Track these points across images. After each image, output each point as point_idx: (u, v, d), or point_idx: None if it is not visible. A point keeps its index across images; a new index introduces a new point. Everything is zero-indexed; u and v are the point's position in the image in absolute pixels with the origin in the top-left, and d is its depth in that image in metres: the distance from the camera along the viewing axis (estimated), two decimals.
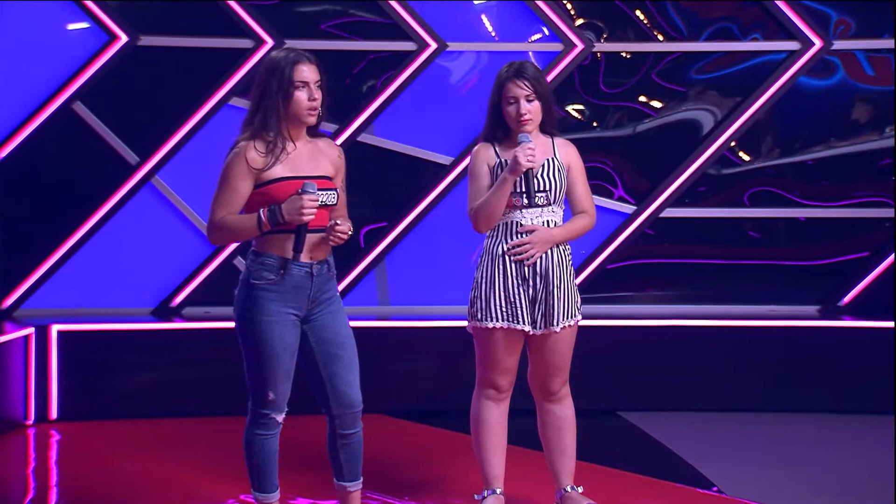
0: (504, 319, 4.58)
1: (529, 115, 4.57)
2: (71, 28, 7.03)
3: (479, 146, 4.67)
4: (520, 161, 4.48)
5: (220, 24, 7.10)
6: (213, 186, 7.31)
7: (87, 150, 7.08)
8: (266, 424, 4.27)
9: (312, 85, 4.18)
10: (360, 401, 4.31)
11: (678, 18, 7.36)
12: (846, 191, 7.39)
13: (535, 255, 4.59)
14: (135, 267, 7.15)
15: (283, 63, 4.18)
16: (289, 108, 4.17)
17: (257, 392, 4.25)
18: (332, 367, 4.26)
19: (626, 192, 7.39)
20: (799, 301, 7.37)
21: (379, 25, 7.27)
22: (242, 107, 7.12)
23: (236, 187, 4.17)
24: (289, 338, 4.21)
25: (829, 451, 6.10)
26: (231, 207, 4.18)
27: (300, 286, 4.20)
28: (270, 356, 4.18)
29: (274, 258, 4.17)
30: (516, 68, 4.62)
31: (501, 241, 4.60)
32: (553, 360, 4.67)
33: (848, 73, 7.35)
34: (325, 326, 4.26)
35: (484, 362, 4.68)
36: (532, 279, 4.59)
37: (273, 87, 4.17)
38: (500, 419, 4.73)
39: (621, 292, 7.40)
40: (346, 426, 4.31)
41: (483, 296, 4.59)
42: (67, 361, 6.63)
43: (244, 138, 4.19)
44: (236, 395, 6.66)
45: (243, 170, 4.16)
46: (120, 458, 5.91)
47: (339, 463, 4.37)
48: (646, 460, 6.01)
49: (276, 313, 4.18)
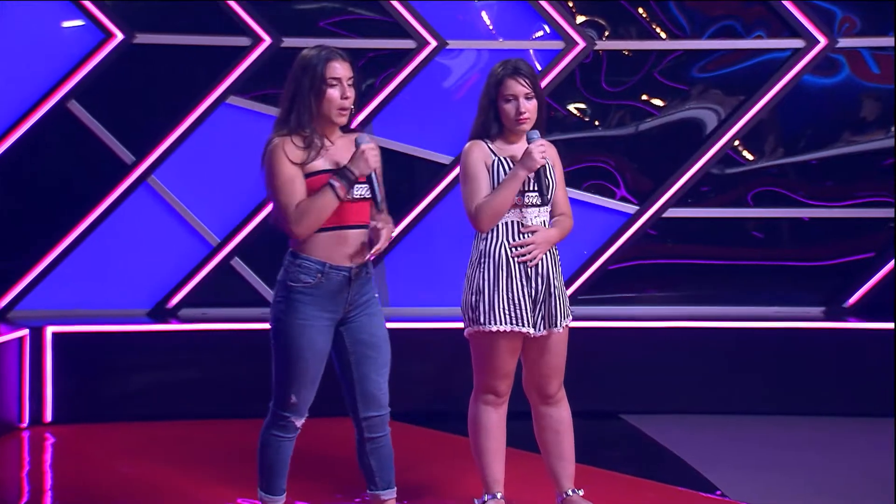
0: (508, 322, 4.56)
1: (528, 114, 4.57)
2: (66, 26, 7.03)
3: (472, 144, 4.63)
4: (535, 158, 4.48)
5: (218, 21, 7.09)
6: (210, 186, 7.35)
7: (83, 150, 7.08)
8: (284, 427, 4.26)
9: (345, 82, 4.18)
10: (387, 404, 4.33)
11: (681, 16, 7.36)
12: (851, 190, 7.40)
13: (539, 256, 4.59)
14: (131, 268, 7.15)
15: (315, 60, 4.18)
16: (321, 105, 4.16)
17: (280, 393, 4.23)
18: (363, 369, 4.27)
19: (628, 191, 7.39)
20: (803, 302, 7.37)
21: (378, 23, 7.27)
22: (240, 105, 7.14)
23: (290, 175, 4.11)
24: (319, 343, 4.20)
25: (832, 454, 6.10)
26: (298, 195, 4.11)
27: (338, 290, 4.19)
28: (298, 359, 4.17)
29: (312, 261, 4.16)
30: (514, 65, 4.60)
31: (503, 243, 4.59)
32: (552, 361, 4.67)
33: (853, 71, 7.35)
34: (362, 328, 4.26)
35: (484, 367, 4.67)
36: (535, 279, 4.58)
37: (305, 84, 4.17)
38: (500, 423, 4.72)
39: (623, 293, 7.40)
40: (373, 429, 4.31)
41: (486, 299, 4.56)
42: (62, 363, 6.64)
43: (279, 135, 4.16)
44: (234, 397, 6.72)
45: (286, 159, 4.11)
46: (115, 461, 5.91)
47: (370, 470, 4.37)
48: (647, 463, 6.01)
49: (311, 317, 4.16)
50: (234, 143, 7.15)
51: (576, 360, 4.83)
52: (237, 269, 7.23)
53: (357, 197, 4.17)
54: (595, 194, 7.33)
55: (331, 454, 5.75)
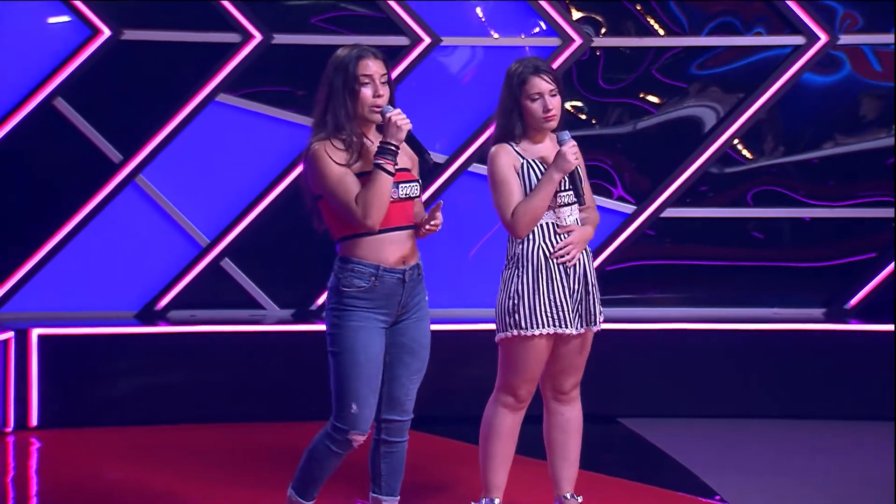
0: (551, 325, 4.56)
1: (555, 111, 4.57)
2: (52, 22, 7.01)
3: (498, 148, 4.61)
4: (569, 160, 4.49)
5: (207, 17, 7.08)
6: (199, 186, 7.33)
7: (69, 148, 7.06)
8: (341, 442, 4.19)
9: (378, 80, 4.17)
10: (412, 411, 4.31)
11: (679, 12, 7.36)
12: (853, 190, 7.39)
13: (577, 255, 4.60)
14: (118, 269, 7.13)
15: (347, 59, 4.16)
16: (356, 105, 4.15)
17: (339, 404, 4.17)
18: (395, 371, 4.25)
19: (625, 191, 7.39)
20: (804, 304, 7.37)
21: (370, 19, 7.26)
22: (230, 103, 7.12)
23: (340, 173, 4.08)
24: (376, 346, 4.17)
25: (833, 458, 6.10)
26: (354, 189, 4.08)
27: (392, 293, 4.18)
28: (355, 364, 4.13)
29: (365, 265, 4.14)
30: (535, 63, 4.59)
31: (540, 244, 4.58)
32: (576, 360, 4.69)
33: (854, 68, 7.35)
34: (406, 331, 4.25)
35: (512, 370, 4.65)
36: (573, 279, 4.60)
37: (338, 85, 4.15)
38: (513, 429, 4.72)
39: (621, 295, 7.38)
40: (392, 433, 4.29)
41: (527, 302, 4.55)
42: (48, 367, 6.61)
43: (318, 139, 4.14)
44: (225, 401, 6.72)
45: (330, 160, 4.09)
46: (103, 466, 5.90)
47: (379, 473, 4.34)
48: (646, 468, 6.02)
49: (365, 319, 4.14)
50: (224, 141, 7.14)
51: None
52: (227, 271, 7.21)
53: (402, 197, 4.18)
54: (592, 194, 7.30)
55: None
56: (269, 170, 7.15)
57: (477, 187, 6.83)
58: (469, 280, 7.17)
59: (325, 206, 4.18)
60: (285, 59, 7.15)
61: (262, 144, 7.16)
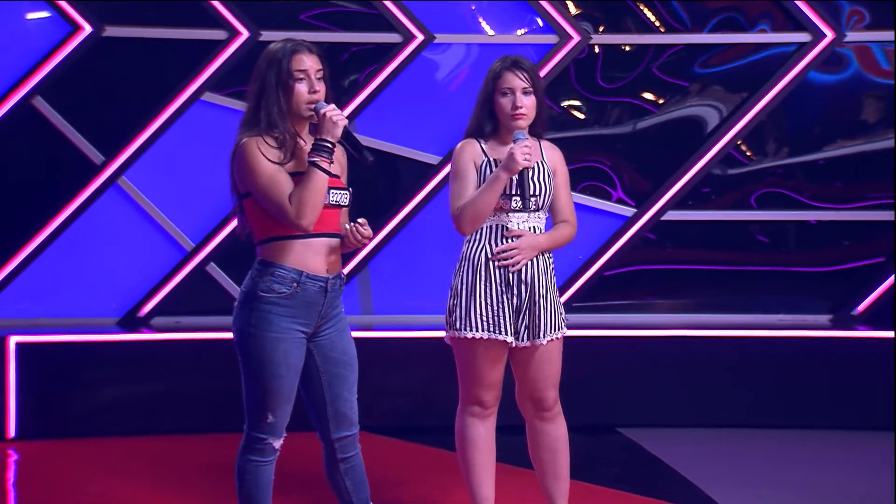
0: (486, 329, 4.54)
1: (525, 109, 4.55)
2: (30, 17, 7.01)
3: (465, 142, 4.63)
4: (517, 159, 4.43)
5: (192, 13, 7.09)
6: (184, 188, 7.31)
7: (49, 149, 7.07)
8: (261, 450, 4.18)
9: (313, 75, 4.14)
10: (358, 421, 4.30)
11: (681, 8, 7.37)
12: (860, 192, 7.40)
13: (522, 262, 4.56)
14: (100, 274, 7.13)
15: (280, 54, 4.15)
16: (290, 102, 4.13)
17: (255, 414, 4.16)
18: (336, 390, 4.23)
19: (625, 193, 7.39)
20: (810, 310, 7.39)
21: (362, 16, 7.27)
22: (216, 102, 7.12)
23: (272, 170, 4.04)
24: (294, 357, 4.14)
25: (840, 470, 6.10)
26: (288, 187, 4.04)
27: (312, 301, 4.14)
28: (273, 376, 4.10)
29: (287, 269, 4.10)
30: (514, 59, 4.60)
31: (484, 246, 4.57)
32: (541, 374, 4.64)
33: (862, 66, 7.37)
34: (334, 345, 4.23)
35: (466, 376, 4.65)
36: (517, 287, 4.56)
37: (271, 80, 4.13)
38: (488, 436, 4.70)
39: (620, 300, 7.40)
40: (346, 449, 4.28)
41: (463, 304, 4.56)
42: (27, 375, 6.61)
43: (248, 135, 4.10)
44: (210, 411, 6.71)
45: (262, 156, 4.05)
46: (84, 479, 5.88)
47: (345, 491, 4.32)
48: (646, 479, 6.01)
49: (285, 329, 4.10)
50: (209, 142, 7.14)
51: (570, 370, 4.81)
52: (213, 276, 7.21)
53: (332, 203, 4.14)
54: (591, 196, 7.33)
55: (303, 470, 5.72)
56: None
57: None
58: None
59: (251, 205, 4.13)
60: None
61: None
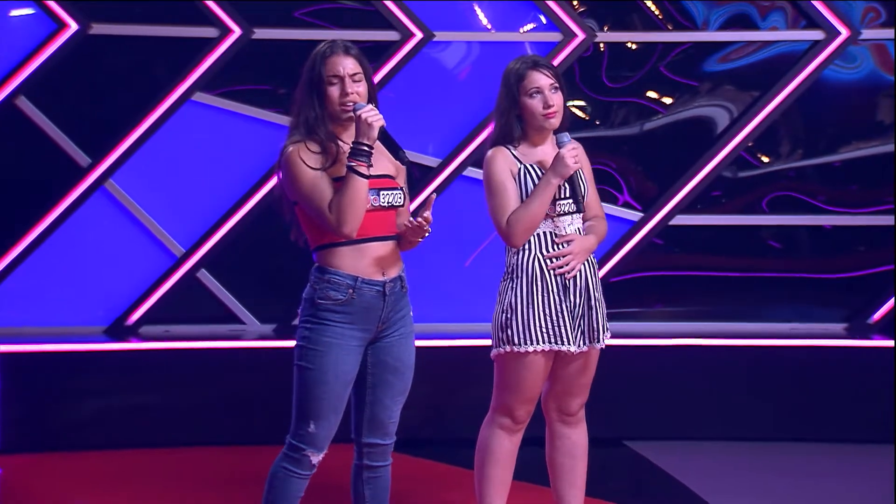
0: (548, 341, 4.54)
1: (556, 107, 4.55)
2: (14, 14, 7.01)
3: (495, 151, 4.61)
4: (567, 164, 4.48)
5: (183, 10, 7.08)
6: (174, 192, 7.29)
7: (33, 151, 7.06)
8: (298, 461, 4.18)
9: (348, 78, 4.15)
10: (394, 434, 4.30)
11: (689, 5, 7.36)
12: (877, 195, 7.38)
13: (577, 266, 4.57)
14: (86, 281, 7.12)
15: (316, 57, 4.19)
16: (325, 106, 4.16)
17: (298, 422, 4.17)
18: (379, 394, 4.24)
19: (631, 197, 7.38)
20: (824, 318, 7.38)
21: (358, 13, 7.27)
22: (206, 102, 7.11)
23: (313, 177, 4.08)
24: (346, 365, 4.15)
25: (855, 484, 6.11)
26: (329, 194, 4.08)
27: (371, 307, 4.16)
28: (319, 381, 4.12)
29: (342, 275, 4.13)
30: (534, 59, 4.62)
31: (536, 255, 4.57)
32: (580, 380, 4.67)
33: (878, 65, 7.36)
34: (390, 350, 4.24)
35: (508, 389, 4.64)
36: (573, 292, 4.57)
37: (308, 84, 4.18)
38: (511, 452, 4.71)
39: (626, 308, 7.39)
40: (374, 457, 4.29)
41: (520, 317, 4.54)
42: (11, 386, 6.61)
43: (292, 142, 4.15)
44: (201, 422, 6.69)
45: (303, 164, 4.09)
46: (70, 494, 5.91)
47: (362, 499, 4.32)
48: (654, 494, 6.04)
49: (339, 335, 4.13)
50: (200, 143, 7.14)
51: None
52: (204, 283, 7.19)
53: (384, 205, 4.17)
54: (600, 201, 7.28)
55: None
56: (249, 174, 7.13)
57: (472, 192, 6.83)
58: (464, 292, 7.15)
59: (302, 213, 4.18)
60: (266, 55, 7.15)
61: (241, 147, 7.15)
